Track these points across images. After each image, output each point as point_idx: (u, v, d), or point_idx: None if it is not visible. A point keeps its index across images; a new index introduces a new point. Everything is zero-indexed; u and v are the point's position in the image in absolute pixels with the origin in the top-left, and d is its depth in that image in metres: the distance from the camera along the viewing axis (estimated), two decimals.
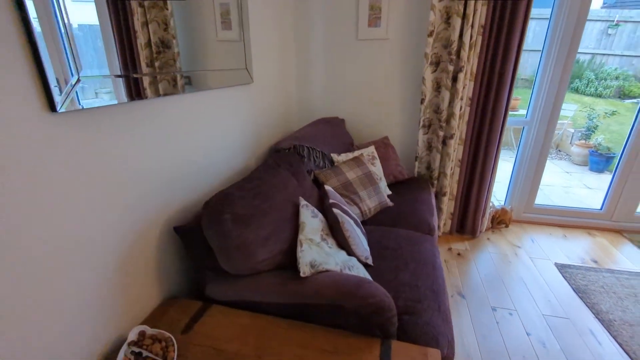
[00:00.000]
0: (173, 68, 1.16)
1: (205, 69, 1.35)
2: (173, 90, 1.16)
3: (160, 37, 1.09)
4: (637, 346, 1.53)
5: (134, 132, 1.04)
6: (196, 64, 1.29)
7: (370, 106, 2.49)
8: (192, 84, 1.27)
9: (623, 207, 2.50)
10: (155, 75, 1.07)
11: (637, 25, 6.59)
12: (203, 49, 1.33)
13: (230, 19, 1.59)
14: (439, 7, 2.01)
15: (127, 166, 1.02)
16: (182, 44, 1.20)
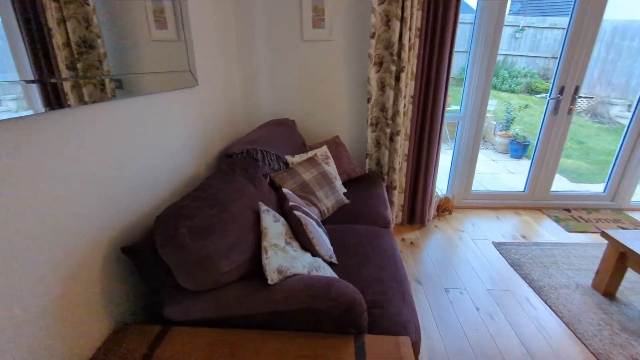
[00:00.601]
0: (100, 71, 1.02)
1: (141, 71, 1.23)
2: (102, 96, 1.02)
3: (81, 36, 0.96)
4: (562, 306, 1.78)
5: (57, 146, 0.90)
6: (128, 67, 1.16)
7: (320, 106, 2.52)
8: (125, 88, 1.13)
9: (541, 188, 2.89)
10: (79, 80, 0.94)
11: (537, 30, 7.63)
12: (135, 49, 1.20)
13: (165, 17, 1.48)
14: (379, 10, 2.11)
15: (51, 186, 0.89)
16: (110, 44, 1.07)
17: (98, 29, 1.03)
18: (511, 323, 1.68)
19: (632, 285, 1.92)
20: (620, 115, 6.14)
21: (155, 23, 1.41)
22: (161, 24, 1.46)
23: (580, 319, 1.69)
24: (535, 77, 7.71)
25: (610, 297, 1.83)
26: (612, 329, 1.62)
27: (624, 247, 1.68)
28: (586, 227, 2.58)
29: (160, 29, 1.44)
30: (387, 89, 2.26)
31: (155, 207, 1.34)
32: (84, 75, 0.96)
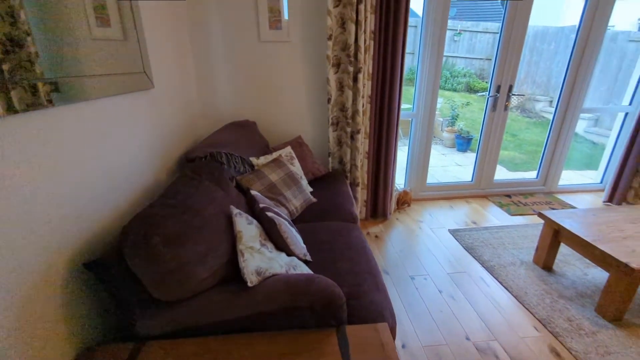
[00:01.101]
0: (31, 74, 0.89)
1: (84, 74, 1.10)
2: (34, 101, 0.89)
3: (6, 34, 0.85)
4: (511, 281, 1.99)
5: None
6: (67, 68, 1.03)
7: (281, 107, 2.52)
8: (64, 92, 1.00)
9: (485, 177, 3.19)
10: (5, 83, 0.81)
11: (472, 34, 8.34)
12: (74, 49, 1.07)
13: (108, 15, 1.37)
14: (334, 12, 2.17)
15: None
16: (42, 43, 0.94)
17: (27, 26, 0.92)
18: (470, 301, 1.84)
19: (565, 258, 2.20)
20: (544, 110, 6.97)
21: (96, 20, 1.31)
22: (104, 22, 1.36)
23: (526, 291, 1.90)
24: (473, 76, 8.44)
25: (549, 269, 2.09)
26: (552, 297, 1.85)
27: (557, 225, 1.92)
28: (525, 210, 2.90)
29: (103, 26, 1.34)
30: (346, 89, 2.34)
31: (115, 218, 1.25)
32: (11, 79, 0.85)
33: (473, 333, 1.63)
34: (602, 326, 1.65)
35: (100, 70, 1.21)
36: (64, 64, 1.03)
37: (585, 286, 1.93)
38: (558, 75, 6.65)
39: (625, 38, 5.88)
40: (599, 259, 1.70)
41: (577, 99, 2.92)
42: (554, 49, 6.75)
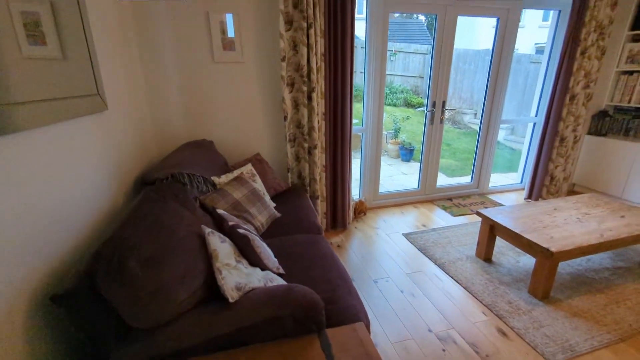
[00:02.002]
0: None
1: (15, 100, 0.94)
2: None
3: None
4: (460, 275, 2.23)
5: None
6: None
7: (238, 125, 2.55)
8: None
9: (429, 184, 3.52)
10: None
11: (406, 54, 9.18)
12: (4, 72, 0.92)
13: (42, 32, 1.26)
14: (286, 36, 2.30)
15: None
16: None
17: None
18: (428, 297, 2.02)
19: (500, 250, 2.52)
20: (470, 122, 7.89)
21: (28, 39, 1.22)
22: (37, 40, 1.27)
23: (473, 282, 2.15)
24: (409, 92, 9.25)
25: (489, 261, 2.38)
26: (494, 285, 2.12)
27: (492, 221, 2.22)
28: (465, 211, 3.25)
29: (37, 45, 1.24)
30: (301, 107, 2.45)
31: (74, 247, 1.17)
32: None
33: (434, 325, 1.79)
34: (534, 304, 1.93)
35: (43, 95, 1.09)
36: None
37: (518, 272, 2.24)
38: (479, 91, 7.62)
39: (527, 60, 7.00)
40: (527, 247, 2.00)
41: (496, 112, 3.41)
42: (474, 68, 7.75)
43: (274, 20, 2.39)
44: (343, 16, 2.33)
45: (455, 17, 2.95)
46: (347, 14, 2.33)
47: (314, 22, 2.26)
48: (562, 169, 3.44)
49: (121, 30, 1.89)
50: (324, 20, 2.31)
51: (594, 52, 3.06)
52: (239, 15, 2.29)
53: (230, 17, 2.28)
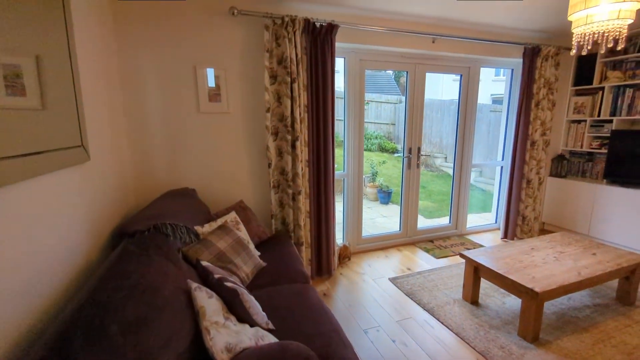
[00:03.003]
0: None
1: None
2: None
3: None
4: (450, 319, 2.19)
5: None
6: None
7: (221, 173, 2.54)
8: None
9: (410, 226, 3.58)
10: None
11: (377, 103, 9.82)
12: None
13: (23, 84, 1.22)
14: (271, 89, 2.42)
15: None
16: None
17: None
18: (420, 345, 1.96)
19: (485, 291, 2.54)
20: (441, 165, 8.33)
21: (6, 89, 1.19)
22: (16, 91, 1.23)
23: (464, 327, 2.11)
24: (383, 138, 9.74)
25: (476, 304, 2.37)
26: (484, 329, 2.09)
27: (476, 263, 2.26)
28: (446, 253, 3.30)
29: (15, 95, 1.20)
30: (285, 154, 2.51)
31: (44, 312, 1.06)
32: None
33: None
34: (526, 348, 1.91)
35: (18, 150, 1.01)
36: None
37: (506, 314, 2.24)
38: (446, 137, 8.16)
39: (487, 109, 7.69)
40: (511, 287, 2.03)
41: (467, 156, 3.64)
42: (440, 116, 8.37)
43: (259, 74, 2.52)
44: (324, 72, 2.51)
45: (424, 74, 3.26)
46: (328, 70, 2.51)
47: (298, 77, 2.41)
48: (532, 208, 3.64)
49: (108, 80, 1.92)
50: (306, 75, 2.47)
51: (546, 104, 3.43)
52: (225, 70, 2.41)
53: (214, 71, 2.39)
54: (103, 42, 1.87)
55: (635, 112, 3.18)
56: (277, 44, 2.36)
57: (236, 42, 2.42)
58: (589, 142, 3.58)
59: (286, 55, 2.34)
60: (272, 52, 2.37)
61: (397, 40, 2.89)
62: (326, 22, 2.44)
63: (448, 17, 2.83)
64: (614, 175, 3.31)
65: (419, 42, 2.97)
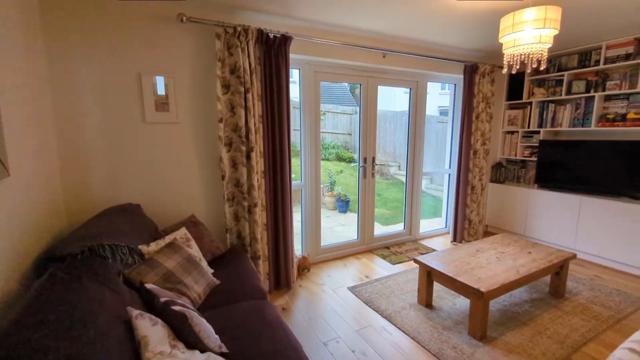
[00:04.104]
0: None
1: None
2: None
3: None
4: (406, 324, 2.25)
5: None
6: None
7: (170, 187, 2.39)
8: None
9: (367, 234, 3.65)
10: None
11: (334, 114, 10.04)
12: None
13: None
14: (224, 99, 2.35)
15: None
16: None
17: None
18: (380, 354, 1.98)
19: (438, 293, 2.66)
20: (396, 173, 8.69)
21: None
22: None
23: (419, 331, 2.18)
24: (340, 148, 9.95)
25: (430, 307, 2.47)
26: (438, 331, 2.18)
27: (429, 267, 2.36)
28: (402, 258, 3.41)
29: None
30: (240, 166, 2.43)
31: None
32: None
33: None
34: (476, 346, 2.02)
35: None
36: None
37: (457, 314, 2.36)
38: (399, 147, 8.57)
39: (435, 120, 8.22)
40: (460, 289, 2.15)
41: (418, 165, 3.84)
42: (394, 127, 8.79)
43: (211, 83, 2.44)
44: (279, 82, 2.50)
45: (376, 86, 3.39)
46: (283, 81, 2.50)
47: (252, 87, 2.37)
48: (476, 213, 3.92)
49: (36, 91, 1.72)
50: (261, 85, 2.44)
51: (484, 117, 3.75)
52: (173, 78, 2.29)
53: (163, 79, 2.27)
54: (29, 53, 1.68)
55: (557, 124, 3.61)
56: (230, 53, 2.31)
57: (186, 50, 2.32)
58: (522, 150, 3.97)
59: (239, 65, 2.29)
60: (224, 61, 2.31)
61: (350, 54, 2.98)
62: (280, 34, 2.45)
63: (397, 34, 3.00)
64: (544, 181, 3.69)
65: (370, 56, 3.09)
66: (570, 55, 3.56)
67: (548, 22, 1.77)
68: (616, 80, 3.18)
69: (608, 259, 3.18)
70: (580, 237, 3.34)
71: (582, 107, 3.41)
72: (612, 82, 3.20)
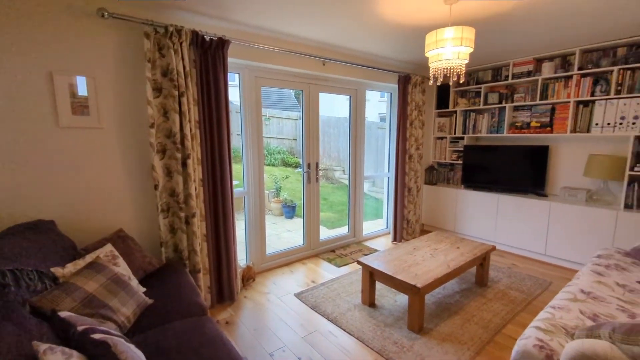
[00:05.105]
0: None
1: None
2: None
3: None
4: (351, 326, 2.31)
5: None
6: None
7: (92, 199, 2.14)
8: None
9: (313, 238, 3.68)
10: None
11: (279, 119, 10.00)
12: None
13: None
14: (155, 103, 2.18)
15: None
16: None
17: None
18: (325, 357, 1.99)
19: (380, 292, 2.78)
20: (340, 177, 8.94)
21: None
22: None
23: (364, 330, 2.25)
24: (286, 153, 9.93)
25: (373, 306, 2.57)
26: (380, 329, 2.27)
27: (371, 268, 2.45)
28: (347, 261, 3.50)
29: None
30: (175, 174, 2.28)
31: None
32: None
33: None
34: (414, 339, 2.15)
35: None
36: None
37: (397, 311, 2.49)
38: (343, 151, 8.85)
39: (375, 126, 8.66)
40: (399, 286, 2.27)
41: (360, 169, 3.99)
42: (337, 132, 9.05)
43: (140, 85, 2.26)
44: (217, 87, 2.41)
45: (318, 93, 3.46)
46: (221, 85, 2.41)
47: (187, 91, 2.25)
48: (413, 213, 4.20)
49: None
50: (197, 89, 2.32)
51: (417, 124, 4.06)
52: (94, 79, 2.07)
53: (83, 80, 2.03)
54: None
55: (478, 131, 4.05)
56: (161, 54, 2.16)
57: (109, 48, 2.11)
58: (450, 155, 4.38)
59: (172, 67, 2.16)
60: (154, 62, 2.15)
61: (291, 60, 2.99)
62: (217, 37, 2.36)
63: (337, 43, 3.10)
64: (469, 182, 4.11)
65: (311, 64, 3.15)
66: (485, 70, 4.03)
67: (464, 40, 1.98)
68: (521, 94, 3.68)
69: (522, 249, 3.64)
70: (499, 231, 3.78)
71: (496, 116, 3.88)
72: (518, 95, 3.70)
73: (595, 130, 3.12)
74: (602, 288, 1.92)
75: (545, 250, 3.41)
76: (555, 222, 3.31)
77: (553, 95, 3.39)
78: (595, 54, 3.19)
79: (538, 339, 1.41)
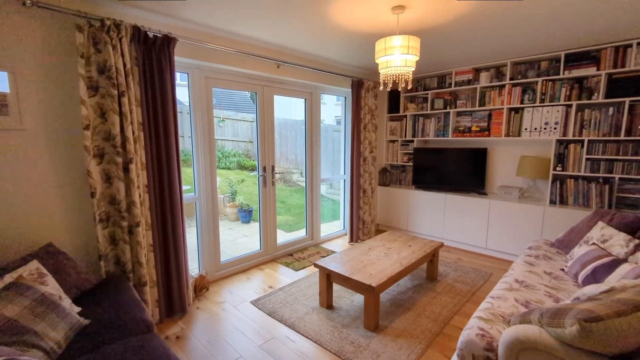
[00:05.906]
0: None
1: None
2: None
3: None
4: (309, 329, 2.30)
5: None
6: None
7: (12, 211, 1.88)
8: None
9: (270, 243, 3.62)
10: None
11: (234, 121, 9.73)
12: None
13: None
14: (90, 102, 1.99)
15: None
16: None
17: None
18: None
19: (338, 294, 2.81)
20: (298, 180, 8.93)
21: None
22: None
23: (321, 333, 2.25)
24: (242, 156, 9.67)
25: (331, 307, 2.59)
26: (338, 330, 2.29)
27: (327, 270, 2.47)
28: (305, 264, 3.49)
29: None
30: (116, 180, 2.10)
31: None
32: None
33: None
34: (370, 337, 2.20)
35: None
36: None
37: (354, 311, 2.53)
38: (301, 154, 8.85)
39: (332, 129, 8.79)
40: (355, 286, 2.32)
41: (316, 171, 4.02)
42: (294, 135, 9.03)
43: (72, 82, 2.04)
44: (163, 87, 2.26)
45: (272, 96, 3.42)
46: (167, 85, 2.28)
47: (128, 91, 2.08)
48: (369, 213, 4.33)
49: None
50: (139, 89, 2.16)
51: (371, 127, 4.19)
52: (14, 74, 1.83)
53: (4, 75, 1.79)
54: None
55: (426, 134, 4.29)
56: (97, 49, 1.98)
57: (34, 41, 1.88)
58: (401, 157, 4.58)
59: (110, 64, 1.99)
60: (89, 58, 1.96)
61: (244, 62, 2.92)
62: (162, 33, 2.23)
63: (291, 46, 3.09)
64: (419, 182, 4.33)
65: (265, 66, 3.10)
66: (432, 77, 4.29)
67: (411, 49, 2.09)
68: (463, 100, 3.98)
69: (466, 244, 3.92)
70: (446, 228, 4.03)
71: (442, 121, 4.15)
72: (460, 101, 4.00)
73: (525, 134, 3.48)
74: (532, 277, 2.13)
75: (486, 244, 3.71)
76: (494, 218, 3.62)
77: (490, 102, 3.71)
78: (523, 66, 3.56)
79: (480, 328, 1.52)
